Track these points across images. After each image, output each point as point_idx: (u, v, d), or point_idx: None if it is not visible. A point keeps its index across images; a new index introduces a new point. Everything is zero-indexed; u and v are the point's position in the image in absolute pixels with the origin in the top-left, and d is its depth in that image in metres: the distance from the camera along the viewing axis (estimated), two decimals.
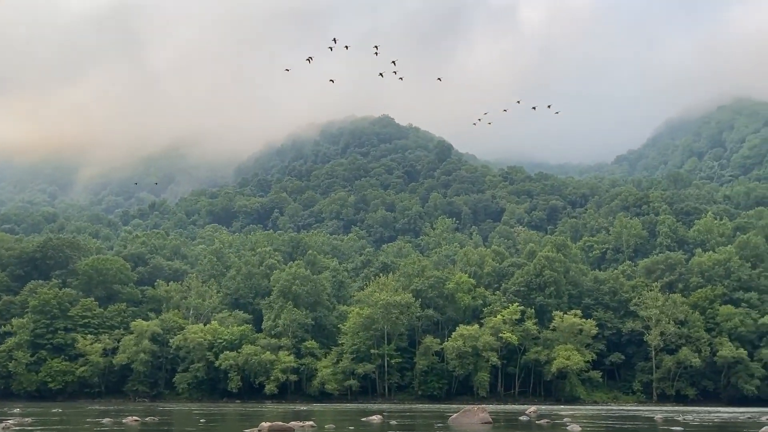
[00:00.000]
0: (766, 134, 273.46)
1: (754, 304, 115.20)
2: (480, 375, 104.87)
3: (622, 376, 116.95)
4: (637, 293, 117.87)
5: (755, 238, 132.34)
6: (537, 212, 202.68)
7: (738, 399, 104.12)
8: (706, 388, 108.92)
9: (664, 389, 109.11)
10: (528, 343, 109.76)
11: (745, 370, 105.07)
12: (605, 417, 50.13)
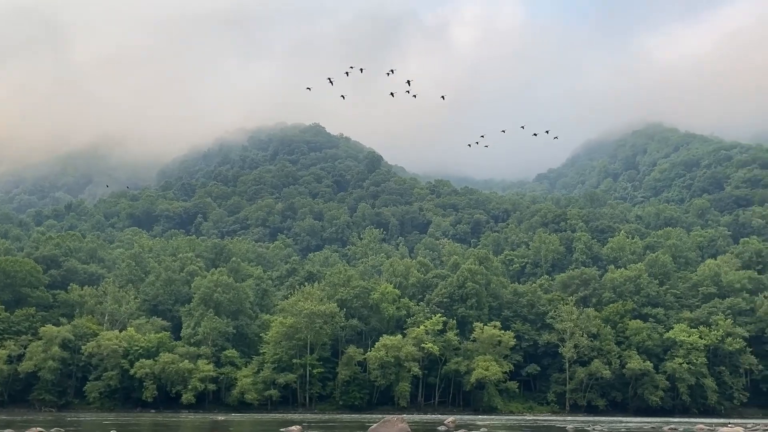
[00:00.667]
0: (675, 159, 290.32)
1: (661, 319, 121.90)
2: (401, 385, 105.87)
3: (537, 386, 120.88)
4: (553, 306, 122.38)
5: (663, 257, 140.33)
6: (462, 225, 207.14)
7: (644, 409, 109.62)
8: (615, 399, 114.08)
9: (577, 400, 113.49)
10: (449, 354, 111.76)
11: (650, 382, 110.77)
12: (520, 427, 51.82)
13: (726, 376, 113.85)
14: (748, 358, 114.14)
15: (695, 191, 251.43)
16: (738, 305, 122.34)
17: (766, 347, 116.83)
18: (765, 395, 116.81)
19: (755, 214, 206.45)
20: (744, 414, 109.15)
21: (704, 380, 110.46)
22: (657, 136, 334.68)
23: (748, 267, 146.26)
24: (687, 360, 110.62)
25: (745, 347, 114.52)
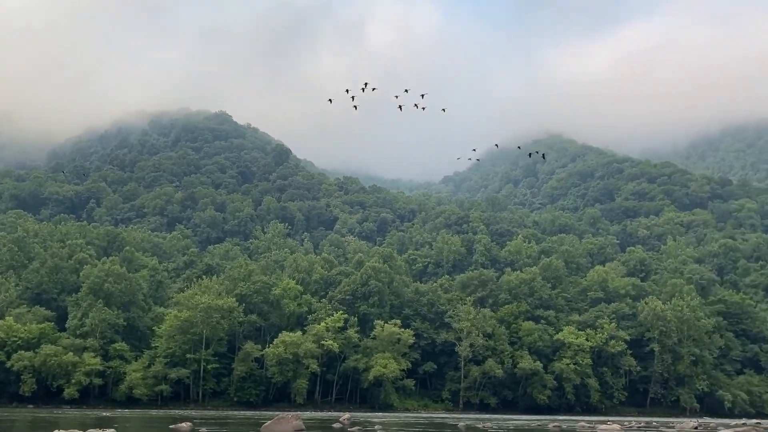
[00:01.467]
0: (572, 170, 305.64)
1: (552, 321, 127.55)
2: (299, 382, 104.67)
3: (433, 384, 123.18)
4: (452, 306, 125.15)
5: (556, 262, 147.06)
6: (368, 223, 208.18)
7: (532, 407, 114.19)
8: (506, 397, 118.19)
9: (470, 398, 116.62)
10: (349, 351, 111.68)
11: (539, 381, 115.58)
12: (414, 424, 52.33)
13: (608, 376, 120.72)
14: (629, 359, 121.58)
15: (588, 201, 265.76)
16: (622, 310, 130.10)
17: (644, 350, 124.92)
18: (641, 394, 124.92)
19: (641, 224, 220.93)
20: (622, 412, 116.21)
21: (588, 380, 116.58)
22: (556, 147, 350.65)
23: (633, 274, 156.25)
24: (574, 361, 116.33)
25: (626, 350, 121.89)
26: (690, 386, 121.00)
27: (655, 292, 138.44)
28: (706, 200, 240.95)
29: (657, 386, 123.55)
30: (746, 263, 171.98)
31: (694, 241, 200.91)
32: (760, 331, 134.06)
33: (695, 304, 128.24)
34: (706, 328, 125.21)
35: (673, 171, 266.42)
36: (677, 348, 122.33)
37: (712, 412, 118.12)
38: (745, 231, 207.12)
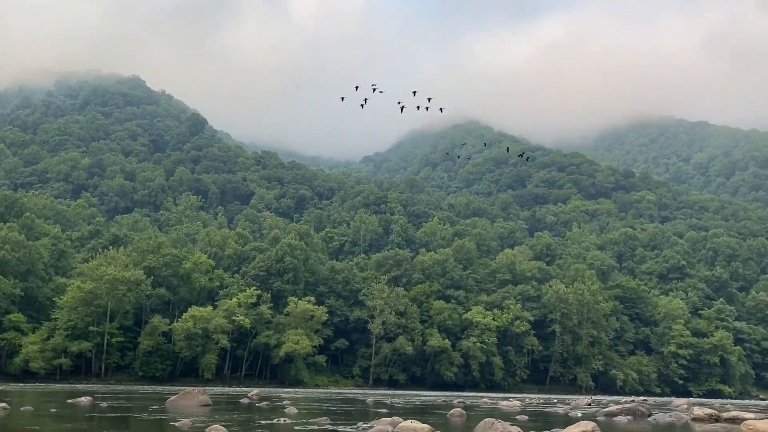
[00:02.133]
0: (488, 156, 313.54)
1: (461, 301, 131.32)
2: (207, 357, 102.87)
3: (344, 360, 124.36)
4: (367, 284, 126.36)
5: (469, 244, 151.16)
6: (286, 200, 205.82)
7: (439, 384, 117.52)
8: (415, 374, 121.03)
9: (380, 374, 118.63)
10: (260, 327, 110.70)
11: (447, 359, 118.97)
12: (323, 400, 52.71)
13: (512, 355, 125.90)
14: (531, 339, 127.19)
15: (502, 186, 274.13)
16: (527, 292, 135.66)
17: (546, 330, 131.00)
18: (542, 373, 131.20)
19: (549, 211, 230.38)
20: (523, 389, 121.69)
21: (493, 358, 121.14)
22: (474, 132, 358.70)
23: (539, 258, 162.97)
24: (480, 339, 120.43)
25: (529, 330, 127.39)
26: (587, 365, 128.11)
27: (559, 276, 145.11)
28: (611, 190, 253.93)
29: (557, 365, 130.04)
30: (643, 251, 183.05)
31: (597, 229, 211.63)
32: (651, 315, 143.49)
33: (595, 289, 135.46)
34: (603, 311, 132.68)
35: (581, 161, 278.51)
36: (577, 329, 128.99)
37: (605, 389, 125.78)
38: (644, 221, 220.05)
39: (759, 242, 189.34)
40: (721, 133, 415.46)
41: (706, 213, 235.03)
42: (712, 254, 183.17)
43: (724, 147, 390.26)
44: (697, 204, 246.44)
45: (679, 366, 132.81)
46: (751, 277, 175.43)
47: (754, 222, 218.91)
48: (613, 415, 34.42)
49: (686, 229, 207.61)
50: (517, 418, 29.70)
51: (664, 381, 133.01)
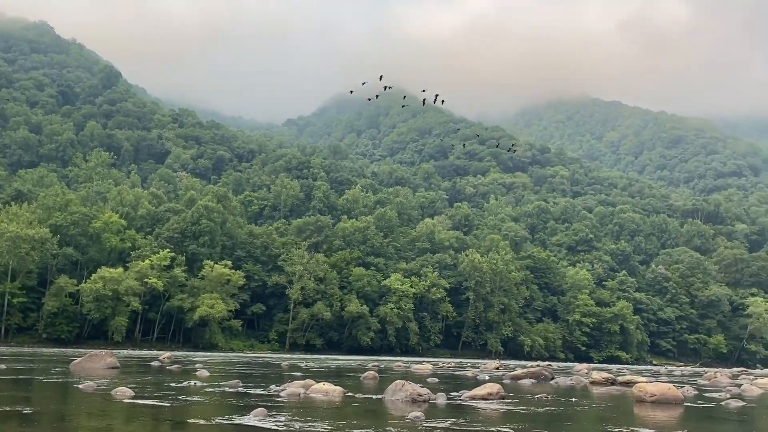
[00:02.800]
0: (412, 125, 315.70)
1: (381, 268, 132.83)
2: (118, 319, 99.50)
3: (260, 325, 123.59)
4: (286, 250, 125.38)
5: (390, 213, 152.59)
6: (203, 160, 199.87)
7: (356, 349, 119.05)
8: (332, 339, 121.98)
9: (297, 339, 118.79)
10: (174, 290, 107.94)
11: (365, 324, 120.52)
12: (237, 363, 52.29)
13: (427, 320, 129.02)
14: (446, 306, 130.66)
15: (424, 156, 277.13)
16: (445, 260, 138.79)
17: (461, 297, 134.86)
18: (455, 338, 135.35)
19: (469, 183, 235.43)
20: (437, 354, 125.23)
21: (409, 324, 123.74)
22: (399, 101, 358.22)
23: (457, 228, 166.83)
24: (398, 306, 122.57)
25: (444, 297, 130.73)
26: (497, 331, 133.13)
27: (475, 246, 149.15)
28: (527, 165, 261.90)
29: (469, 331, 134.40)
30: (554, 224, 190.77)
31: (513, 202, 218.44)
32: (559, 285, 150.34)
33: (508, 258, 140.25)
34: (515, 280, 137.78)
35: (501, 135, 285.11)
36: (489, 297, 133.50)
37: (513, 354, 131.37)
38: (556, 195, 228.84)
39: (661, 219, 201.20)
40: (632, 113, 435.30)
41: (614, 189, 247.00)
42: (618, 229, 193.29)
43: (634, 127, 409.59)
44: (606, 180, 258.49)
45: (583, 333, 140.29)
46: (651, 251, 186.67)
47: (658, 200, 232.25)
48: (518, 379, 35.97)
49: (595, 204, 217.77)
50: (428, 381, 30.51)
51: (568, 347, 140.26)
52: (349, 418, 14.70)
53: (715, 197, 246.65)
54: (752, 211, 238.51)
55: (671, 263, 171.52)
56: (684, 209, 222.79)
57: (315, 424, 13.15)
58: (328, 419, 14.05)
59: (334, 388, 20.98)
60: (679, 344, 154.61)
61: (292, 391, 20.65)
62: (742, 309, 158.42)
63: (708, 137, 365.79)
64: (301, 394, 20.24)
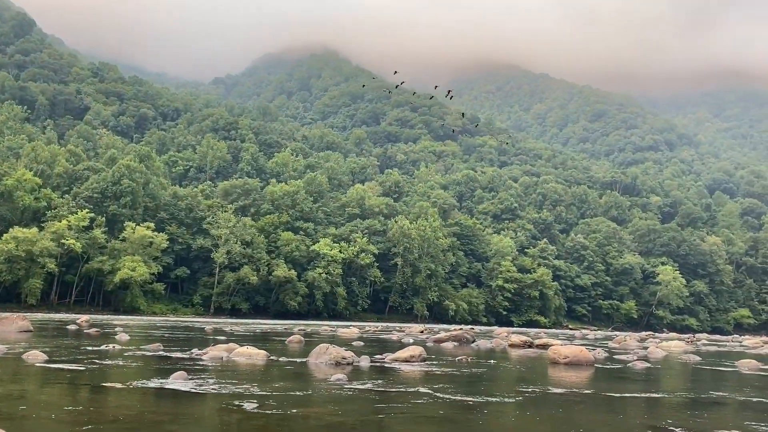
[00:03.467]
0: (345, 89, 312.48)
1: (310, 233, 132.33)
2: (31, 282, 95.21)
3: (185, 289, 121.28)
4: (212, 213, 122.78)
5: (321, 177, 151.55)
6: (125, 117, 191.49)
7: (283, 313, 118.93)
8: (258, 303, 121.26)
9: (222, 303, 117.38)
10: (93, 252, 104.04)
11: (292, 289, 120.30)
12: (159, 327, 51.25)
13: (355, 285, 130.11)
14: (375, 271, 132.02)
15: (357, 122, 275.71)
16: (374, 226, 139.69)
17: (389, 263, 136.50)
18: (382, 303, 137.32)
19: (400, 150, 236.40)
20: (364, 318, 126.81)
21: (337, 289, 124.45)
22: (332, 64, 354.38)
23: (387, 194, 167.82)
24: (326, 271, 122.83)
25: (373, 262, 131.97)
26: (423, 296, 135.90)
27: (405, 212, 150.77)
28: (457, 134, 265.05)
29: (396, 296, 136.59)
30: (482, 193, 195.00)
31: (443, 169, 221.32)
32: (484, 252, 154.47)
33: (436, 225, 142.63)
34: (442, 246, 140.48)
35: (433, 103, 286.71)
36: (417, 263, 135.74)
37: (438, 318, 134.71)
38: (484, 165, 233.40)
39: (581, 189, 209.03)
40: (559, 86, 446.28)
41: (539, 160, 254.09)
42: (541, 198, 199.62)
43: (560, 100, 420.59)
44: (532, 152, 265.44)
45: (504, 299, 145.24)
46: (571, 221, 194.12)
47: (579, 171, 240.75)
48: (441, 342, 36.96)
49: (521, 174, 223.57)
50: (353, 344, 30.90)
51: (491, 312, 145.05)
52: (271, 380, 14.73)
53: (632, 170, 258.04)
54: (666, 185, 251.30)
55: (589, 232, 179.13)
56: (603, 181, 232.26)
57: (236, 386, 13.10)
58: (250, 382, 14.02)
59: (258, 352, 20.91)
60: (593, 309, 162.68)
61: (215, 355, 20.45)
62: (652, 277, 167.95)
63: (629, 112, 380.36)
64: (224, 358, 20.08)
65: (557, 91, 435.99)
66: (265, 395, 12.05)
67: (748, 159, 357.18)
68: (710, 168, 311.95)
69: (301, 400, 11.81)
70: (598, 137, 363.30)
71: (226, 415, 10.12)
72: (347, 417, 10.19)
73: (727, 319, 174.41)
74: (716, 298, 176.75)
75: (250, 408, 10.53)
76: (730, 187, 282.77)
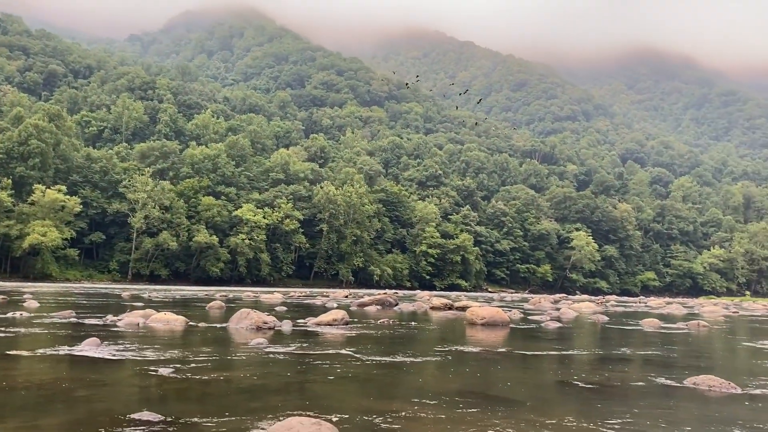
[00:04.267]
0: (268, 50, 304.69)
1: (232, 198, 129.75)
2: None
3: (100, 255, 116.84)
4: (128, 176, 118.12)
5: (243, 140, 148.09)
6: (32, 74, 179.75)
7: (204, 279, 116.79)
8: (178, 269, 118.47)
9: (140, 269, 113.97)
10: None
11: (214, 255, 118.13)
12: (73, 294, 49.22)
13: (279, 251, 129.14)
14: (300, 237, 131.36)
15: (281, 84, 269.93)
16: (299, 192, 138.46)
17: (314, 229, 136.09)
18: (306, 268, 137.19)
19: (326, 114, 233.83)
20: (288, 284, 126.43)
21: (261, 255, 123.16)
22: (255, 23, 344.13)
23: (313, 160, 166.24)
24: (249, 236, 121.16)
25: (298, 228, 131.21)
26: (348, 262, 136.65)
27: (330, 178, 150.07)
28: (383, 99, 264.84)
29: (321, 261, 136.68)
30: (407, 159, 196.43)
31: (369, 135, 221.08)
32: (409, 218, 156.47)
33: (362, 192, 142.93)
34: (368, 212, 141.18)
35: (359, 68, 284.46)
36: (342, 229, 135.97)
37: (363, 284, 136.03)
38: (410, 131, 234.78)
39: (503, 158, 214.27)
40: (484, 54, 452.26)
41: (463, 128, 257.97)
42: (465, 166, 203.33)
43: (484, 68, 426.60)
44: (456, 119, 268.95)
45: (428, 263, 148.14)
46: (493, 188, 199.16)
47: (501, 140, 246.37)
48: (365, 306, 37.37)
49: (446, 141, 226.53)
50: (276, 309, 30.78)
51: (415, 276, 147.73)
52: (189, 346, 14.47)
53: (551, 139, 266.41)
54: (582, 153, 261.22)
55: (509, 199, 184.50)
56: (524, 149, 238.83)
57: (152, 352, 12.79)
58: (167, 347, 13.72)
59: (176, 318, 20.44)
60: (512, 273, 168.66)
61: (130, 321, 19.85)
62: (567, 242, 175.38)
63: (549, 83, 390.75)
64: (140, 324, 19.52)
65: (481, 60, 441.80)
66: (183, 360, 11.84)
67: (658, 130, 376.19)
68: (623, 138, 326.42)
69: (220, 364, 11.67)
70: (519, 106, 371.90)
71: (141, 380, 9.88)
72: (267, 380, 10.17)
73: (635, 282, 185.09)
74: (625, 262, 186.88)
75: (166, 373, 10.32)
76: (641, 157, 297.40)
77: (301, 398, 8.50)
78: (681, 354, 16.38)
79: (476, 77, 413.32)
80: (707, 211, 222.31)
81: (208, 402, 8.19)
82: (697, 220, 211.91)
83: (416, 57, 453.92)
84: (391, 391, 9.36)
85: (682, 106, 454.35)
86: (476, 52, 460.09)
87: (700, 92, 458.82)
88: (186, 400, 8.44)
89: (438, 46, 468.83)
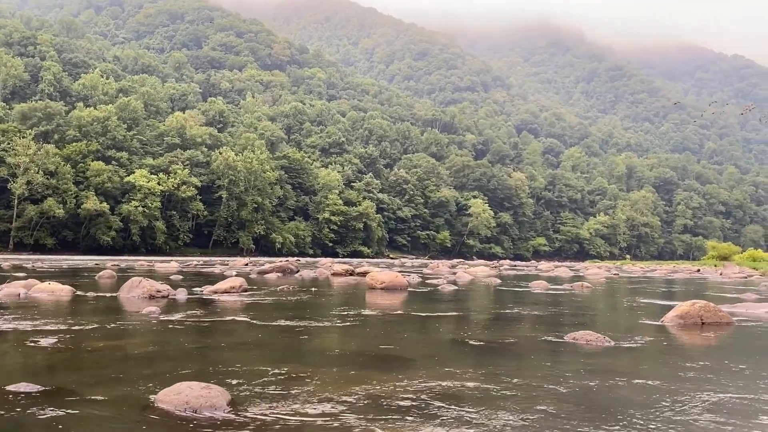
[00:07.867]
0: (162, 7, 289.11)
1: (124, 164, 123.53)
2: None
3: None
4: (7, 138, 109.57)
5: (135, 103, 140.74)
6: None
7: (95, 248, 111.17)
8: (66, 238, 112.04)
9: (23, 238, 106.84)
10: None
11: (105, 223, 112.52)
12: None
13: (176, 219, 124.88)
14: (197, 204, 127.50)
15: (176, 44, 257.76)
16: (197, 157, 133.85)
17: (213, 196, 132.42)
18: (205, 237, 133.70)
19: (224, 77, 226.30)
20: (186, 252, 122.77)
21: (156, 222, 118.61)
22: None
23: (211, 124, 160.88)
24: (143, 204, 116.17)
25: (196, 195, 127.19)
26: (249, 230, 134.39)
27: (230, 144, 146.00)
28: (285, 64, 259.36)
29: (221, 229, 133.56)
30: (310, 126, 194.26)
31: (270, 100, 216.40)
32: (311, 185, 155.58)
33: (263, 158, 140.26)
34: (269, 179, 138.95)
35: (260, 30, 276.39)
36: (243, 196, 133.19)
37: (264, 252, 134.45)
38: (313, 97, 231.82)
39: (405, 126, 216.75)
40: (386, 22, 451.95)
41: (366, 96, 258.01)
42: (368, 134, 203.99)
43: (387, 36, 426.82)
44: (359, 87, 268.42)
45: (331, 231, 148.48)
46: (395, 156, 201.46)
47: (403, 108, 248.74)
48: (265, 273, 37.02)
49: (349, 108, 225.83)
50: (171, 278, 29.88)
51: (317, 244, 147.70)
52: (76, 315, 13.77)
53: (451, 109, 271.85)
54: (480, 124, 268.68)
55: (411, 167, 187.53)
56: (425, 119, 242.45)
57: (34, 323, 12.07)
58: (51, 318, 12.99)
59: (62, 287, 19.35)
60: (413, 239, 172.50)
61: (11, 292, 18.59)
62: (465, 209, 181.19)
63: (450, 53, 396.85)
64: (21, 294, 18.33)
65: (384, 27, 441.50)
66: (68, 330, 11.26)
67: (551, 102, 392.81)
68: (519, 109, 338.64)
69: (108, 333, 11.21)
70: (421, 75, 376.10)
71: (21, 351, 9.31)
72: (159, 347, 9.88)
73: (527, 247, 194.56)
74: (519, 229, 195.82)
75: (48, 344, 9.78)
76: (534, 128, 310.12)
77: (195, 365, 8.34)
78: (564, 313, 17.46)
79: (379, 45, 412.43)
80: (594, 180, 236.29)
81: (93, 371, 7.86)
82: (585, 188, 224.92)
83: (318, 21, 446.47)
84: (288, 355, 9.37)
85: (573, 79, 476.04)
86: (378, 19, 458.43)
87: (590, 66, 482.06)
88: (70, 369, 8.06)
89: (340, 11, 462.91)
